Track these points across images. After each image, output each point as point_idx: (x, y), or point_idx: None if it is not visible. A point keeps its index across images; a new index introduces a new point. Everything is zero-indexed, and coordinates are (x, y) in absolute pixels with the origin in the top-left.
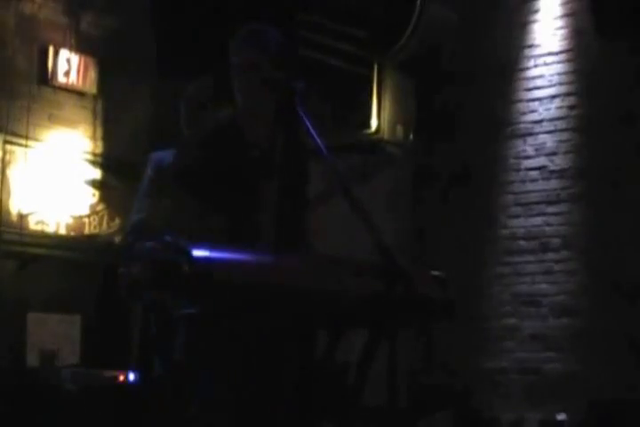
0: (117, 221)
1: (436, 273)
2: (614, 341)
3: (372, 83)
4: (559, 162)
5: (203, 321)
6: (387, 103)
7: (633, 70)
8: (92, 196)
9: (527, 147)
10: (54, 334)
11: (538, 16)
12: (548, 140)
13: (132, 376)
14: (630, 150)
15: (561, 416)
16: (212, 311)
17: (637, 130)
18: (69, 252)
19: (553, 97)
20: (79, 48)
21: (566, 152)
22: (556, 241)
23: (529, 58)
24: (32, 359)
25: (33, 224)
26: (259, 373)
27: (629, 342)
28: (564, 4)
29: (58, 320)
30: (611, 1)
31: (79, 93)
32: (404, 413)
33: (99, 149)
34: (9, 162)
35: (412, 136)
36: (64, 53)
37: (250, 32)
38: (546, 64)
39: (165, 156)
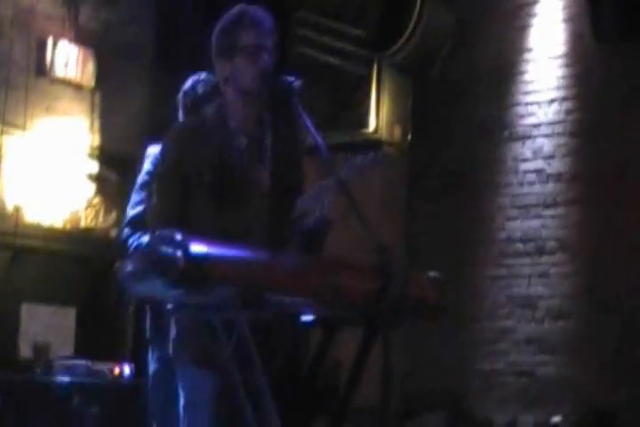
0: (114, 214)
1: (431, 274)
2: (609, 345)
3: (370, 82)
4: (557, 165)
5: (196, 317)
6: (385, 103)
7: (631, 75)
8: (88, 189)
9: (525, 150)
10: (48, 326)
11: (536, 20)
12: (546, 144)
13: (126, 369)
14: (628, 154)
15: (555, 419)
16: (206, 307)
17: (634, 134)
18: (65, 244)
19: (551, 101)
20: (77, 40)
21: (564, 156)
22: (552, 244)
23: (527, 61)
24: (25, 351)
25: (28, 216)
26: (251, 369)
27: (624, 346)
28: (562, 9)
29: (52, 312)
30: (609, 6)
31: (77, 86)
32: (397, 413)
33: (96, 142)
34: (5, 153)
35: (409, 136)
36: (62, 45)
37: (250, 13)
38: (544, 68)
39: None
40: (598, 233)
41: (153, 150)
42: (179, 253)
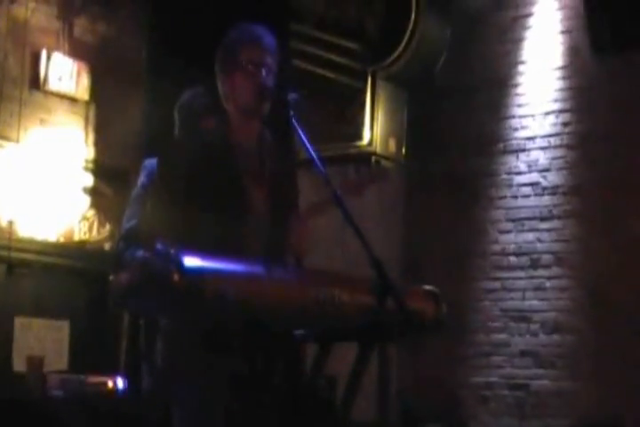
0: (108, 227)
1: (428, 288)
2: (605, 358)
3: (364, 95)
4: (552, 178)
5: (188, 332)
6: (379, 116)
7: (628, 88)
8: (83, 202)
9: (519, 163)
10: (42, 340)
11: (532, 32)
12: (541, 157)
13: (120, 384)
14: (624, 167)
15: None
16: (200, 322)
17: (631, 147)
18: (59, 258)
19: (546, 114)
20: (72, 53)
21: (559, 169)
22: (547, 257)
23: (522, 74)
24: (19, 364)
25: (22, 230)
26: (245, 386)
27: (620, 360)
28: (559, 21)
29: (46, 326)
30: (606, 18)
31: (71, 99)
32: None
33: (90, 156)
34: None
35: (404, 150)
36: (57, 58)
37: (251, 30)
38: (540, 80)
39: None
40: (594, 247)
41: (149, 164)
42: (172, 268)
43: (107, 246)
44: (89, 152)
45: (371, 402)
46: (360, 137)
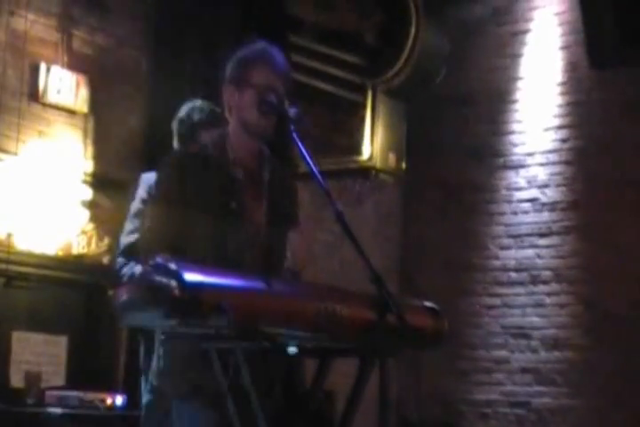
0: (106, 240)
1: (428, 304)
2: (605, 374)
3: (364, 109)
4: (551, 194)
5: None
6: (379, 130)
7: (626, 103)
8: (81, 215)
9: (519, 179)
10: (39, 355)
11: (531, 48)
12: (540, 173)
13: (119, 400)
14: (623, 183)
15: None
16: (201, 337)
17: (629, 163)
18: (57, 271)
19: (546, 129)
20: (71, 65)
21: (558, 185)
22: (546, 273)
23: (521, 90)
24: (16, 380)
25: (20, 243)
26: (243, 400)
27: (619, 376)
28: (557, 37)
29: (43, 340)
30: (605, 34)
31: (70, 111)
32: None
33: (89, 168)
34: None
35: (404, 164)
36: (55, 71)
37: (268, 51)
38: (539, 96)
39: None
40: (593, 262)
41: (146, 177)
42: (173, 282)
43: (105, 260)
44: (88, 165)
45: (371, 417)
46: (360, 151)
